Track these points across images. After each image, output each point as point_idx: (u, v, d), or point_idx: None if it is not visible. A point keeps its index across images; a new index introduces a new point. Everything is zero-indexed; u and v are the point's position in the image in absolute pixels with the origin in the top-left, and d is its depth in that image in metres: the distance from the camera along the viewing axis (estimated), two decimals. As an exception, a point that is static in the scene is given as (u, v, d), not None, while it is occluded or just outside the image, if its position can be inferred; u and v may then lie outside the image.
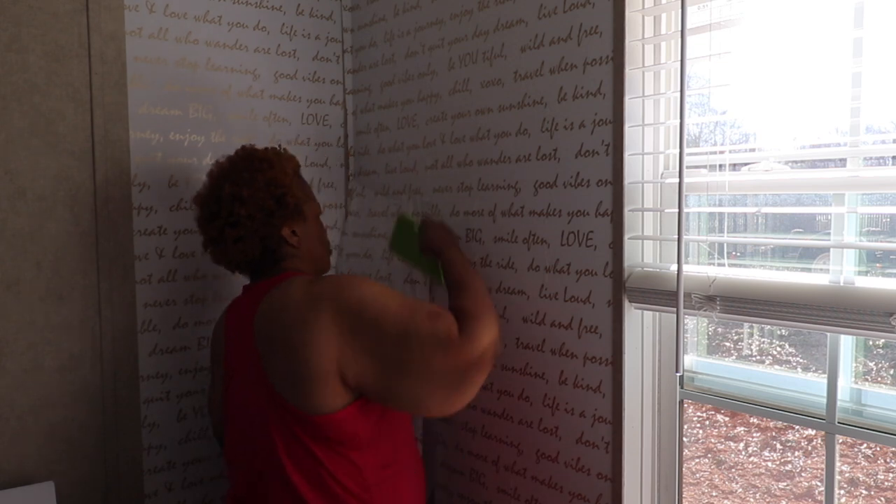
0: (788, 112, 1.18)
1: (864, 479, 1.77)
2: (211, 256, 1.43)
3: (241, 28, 1.75)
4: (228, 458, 1.40)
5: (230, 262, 1.40)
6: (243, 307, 1.38)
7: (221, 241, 1.38)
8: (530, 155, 1.45)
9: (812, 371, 1.39)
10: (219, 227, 1.37)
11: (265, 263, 1.40)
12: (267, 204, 1.37)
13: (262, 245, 1.38)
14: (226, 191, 1.36)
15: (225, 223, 1.36)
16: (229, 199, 1.36)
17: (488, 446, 1.59)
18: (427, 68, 1.69)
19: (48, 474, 1.49)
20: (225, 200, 1.36)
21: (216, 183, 1.39)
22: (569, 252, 1.38)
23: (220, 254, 1.40)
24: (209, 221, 1.39)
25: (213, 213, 1.38)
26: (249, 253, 1.37)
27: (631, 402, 1.32)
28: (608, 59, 1.29)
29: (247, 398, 1.33)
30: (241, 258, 1.38)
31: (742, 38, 1.18)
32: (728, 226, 1.25)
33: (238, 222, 1.35)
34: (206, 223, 1.39)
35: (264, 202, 1.36)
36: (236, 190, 1.35)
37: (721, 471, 2.02)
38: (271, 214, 1.37)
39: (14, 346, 1.45)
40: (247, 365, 1.32)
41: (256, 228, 1.36)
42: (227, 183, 1.37)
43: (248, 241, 1.36)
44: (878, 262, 1.17)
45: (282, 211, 1.38)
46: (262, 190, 1.37)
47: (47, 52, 1.47)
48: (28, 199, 1.46)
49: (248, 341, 1.32)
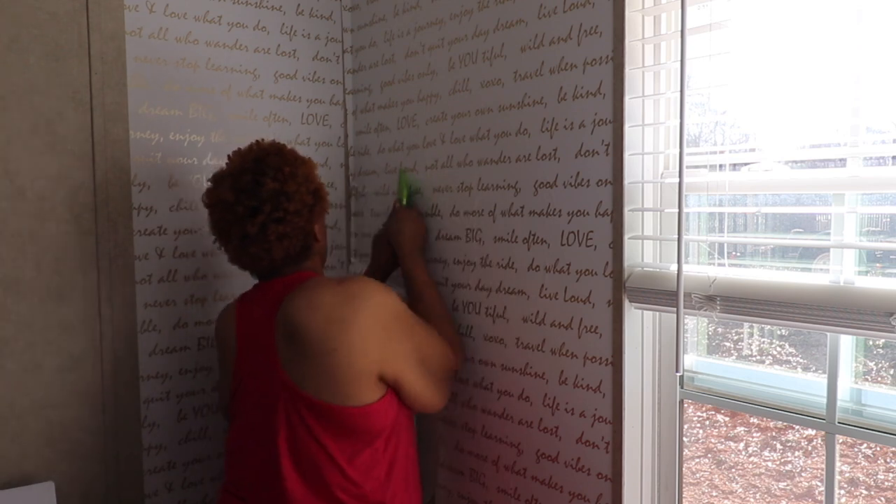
0: (788, 112, 1.18)
1: (864, 479, 1.77)
2: (232, 255, 1.37)
3: (241, 28, 1.75)
4: (232, 449, 1.40)
5: (263, 259, 1.34)
6: (260, 306, 1.36)
7: (262, 239, 1.31)
8: (530, 155, 1.45)
9: (812, 371, 1.39)
10: (261, 223, 1.30)
11: (296, 261, 1.38)
12: (307, 199, 1.35)
13: (303, 241, 1.36)
14: (268, 185, 1.31)
15: (269, 219, 1.30)
16: (274, 194, 1.31)
17: (488, 446, 1.59)
18: (427, 68, 1.69)
19: (48, 474, 1.49)
20: (268, 195, 1.30)
21: (249, 177, 1.32)
22: (569, 252, 1.38)
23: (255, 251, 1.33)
24: (249, 217, 1.30)
25: (253, 208, 1.30)
26: (291, 250, 1.35)
27: (631, 402, 1.32)
28: (608, 59, 1.29)
29: (260, 397, 1.33)
30: (281, 255, 1.34)
31: (742, 38, 1.18)
32: (728, 226, 1.25)
33: (284, 218, 1.31)
34: (242, 219, 1.31)
35: (305, 197, 1.35)
36: (280, 185, 1.31)
37: (721, 471, 2.02)
38: (311, 210, 1.36)
39: (14, 346, 1.45)
40: (262, 364, 1.32)
41: (302, 225, 1.34)
42: (266, 178, 1.31)
43: (292, 237, 1.34)
44: (878, 262, 1.17)
45: (318, 206, 1.39)
46: (303, 185, 1.35)
47: (47, 52, 1.47)
48: (28, 199, 1.46)
49: (266, 341, 1.31)
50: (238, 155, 1.37)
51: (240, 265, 1.39)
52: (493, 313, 1.56)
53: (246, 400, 1.37)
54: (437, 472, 1.74)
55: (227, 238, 1.35)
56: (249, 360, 1.37)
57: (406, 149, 1.77)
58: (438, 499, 1.75)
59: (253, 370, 1.35)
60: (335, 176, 1.94)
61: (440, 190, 1.67)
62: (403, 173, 1.71)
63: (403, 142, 1.78)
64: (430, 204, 1.70)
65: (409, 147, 1.76)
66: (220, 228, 1.36)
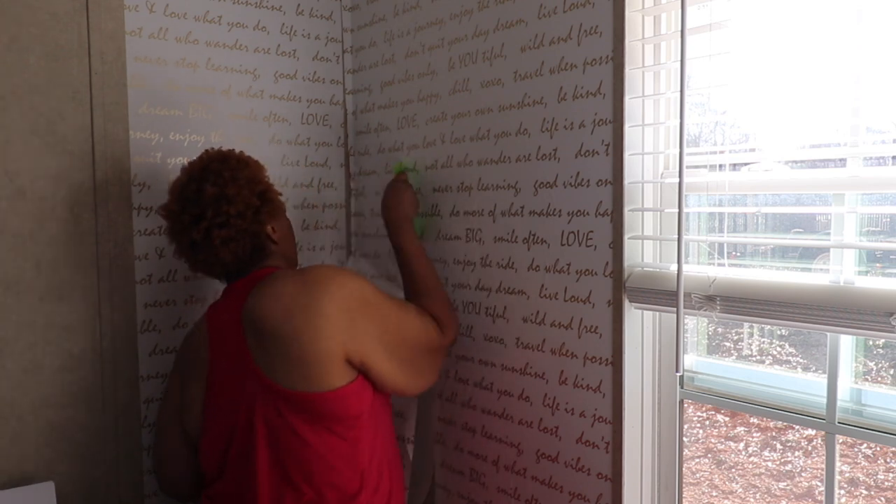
0: (788, 112, 1.18)
1: (864, 479, 1.77)
2: (190, 264, 1.41)
3: (241, 28, 1.75)
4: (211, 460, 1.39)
5: (214, 264, 1.37)
6: (226, 309, 1.38)
7: (207, 244, 1.35)
8: (530, 155, 1.45)
9: (812, 371, 1.39)
10: (204, 228, 1.34)
11: (251, 262, 1.40)
12: (252, 201, 1.37)
13: (252, 243, 1.38)
14: (208, 192, 1.34)
15: (211, 224, 1.33)
16: (214, 199, 1.34)
17: (488, 446, 1.59)
18: (427, 68, 1.69)
19: (48, 474, 1.49)
20: (209, 201, 1.34)
21: (194, 186, 1.36)
22: (569, 252, 1.38)
23: (204, 258, 1.37)
24: (193, 224, 1.34)
25: (196, 215, 1.34)
26: (240, 252, 1.37)
27: (631, 402, 1.32)
28: (608, 59, 1.29)
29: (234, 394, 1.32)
30: (230, 258, 1.36)
31: (742, 38, 1.18)
32: (728, 226, 1.25)
33: (227, 222, 1.34)
34: (188, 227, 1.35)
35: (249, 200, 1.37)
36: (220, 190, 1.34)
37: (721, 471, 2.02)
38: (257, 212, 1.38)
39: (14, 346, 1.45)
40: (235, 361, 1.32)
41: (246, 227, 1.36)
42: (206, 184, 1.35)
43: (238, 240, 1.36)
44: (878, 262, 1.17)
45: (266, 207, 1.39)
46: (245, 188, 1.37)
47: (47, 52, 1.47)
48: (28, 199, 1.46)
49: (236, 340, 1.31)
50: (188, 165, 1.41)
51: (201, 272, 1.42)
52: (493, 313, 1.56)
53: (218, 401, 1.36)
54: (434, 452, 1.74)
55: (180, 247, 1.40)
56: (222, 364, 1.36)
57: (406, 149, 1.77)
58: (438, 499, 1.75)
59: (227, 374, 1.35)
60: (335, 176, 1.94)
61: (440, 190, 1.67)
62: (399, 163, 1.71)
63: (403, 142, 1.78)
64: (430, 204, 1.70)
65: (409, 147, 1.76)
66: (172, 238, 1.41)
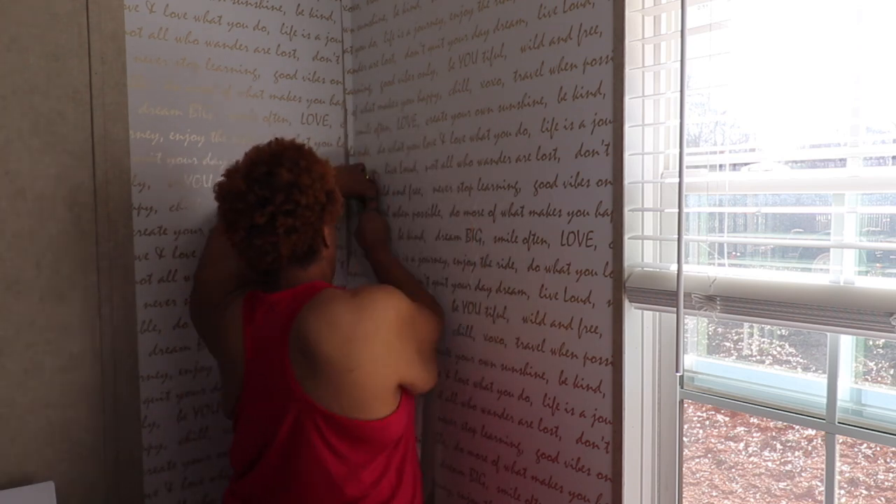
0: (788, 112, 1.18)
1: (864, 479, 1.77)
2: (238, 249, 1.30)
3: (241, 28, 1.75)
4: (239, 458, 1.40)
5: (268, 253, 1.27)
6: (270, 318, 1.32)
7: (269, 231, 1.25)
8: (530, 155, 1.45)
9: (812, 371, 1.39)
10: (270, 213, 1.24)
11: (301, 261, 1.33)
12: (321, 197, 1.29)
13: (311, 241, 1.31)
14: (283, 176, 1.25)
15: (278, 210, 1.24)
16: (287, 186, 1.25)
17: (488, 446, 1.59)
18: (427, 68, 1.69)
19: (48, 474, 1.49)
20: (281, 186, 1.25)
21: (264, 168, 1.26)
22: (569, 252, 1.38)
23: (260, 244, 1.26)
24: (259, 206, 1.24)
25: (264, 198, 1.24)
26: (299, 246, 1.29)
27: (631, 402, 1.32)
28: (608, 59, 1.29)
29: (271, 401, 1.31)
30: (287, 251, 1.28)
31: (742, 38, 1.18)
32: (728, 226, 1.25)
33: (294, 211, 1.25)
34: (252, 208, 1.25)
35: (319, 195, 1.29)
36: (295, 177, 1.26)
37: (721, 471, 2.02)
38: (323, 209, 1.31)
39: (14, 346, 1.45)
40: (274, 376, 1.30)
41: (312, 221, 1.28)
42: (281, 168, 1.26)
43: (301, 233, 1.27)
44: (878, 262, 1.17)
45: (330, 207, 1.32)
46: (318, 181, 1.29)
47: (47, 52, 1.47)
48: (28, 199, 1.46)
49: (279, 354, 1.28)
50: (256, 150, 1.33)
51: (245, 262, 1.33)
52: (493, 313, 1.56)
53: (253, 406, 1.36)
54: (434, 452, 1.75)
55: (235, 229, 1.28)
56: (260, 369, 1.33)
57: (406, 149, 1.77)
58: (438, 499, 1.75)
59: (263, 380, 1.33)
60: (335, 176, 1.94)
61: (440, 190, 1.67)
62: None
63: (403, 142, 1.78)
64: (430, 204, 1.70)
65: (409, 147, 1.76)
66: (228, 219, 1.29)
